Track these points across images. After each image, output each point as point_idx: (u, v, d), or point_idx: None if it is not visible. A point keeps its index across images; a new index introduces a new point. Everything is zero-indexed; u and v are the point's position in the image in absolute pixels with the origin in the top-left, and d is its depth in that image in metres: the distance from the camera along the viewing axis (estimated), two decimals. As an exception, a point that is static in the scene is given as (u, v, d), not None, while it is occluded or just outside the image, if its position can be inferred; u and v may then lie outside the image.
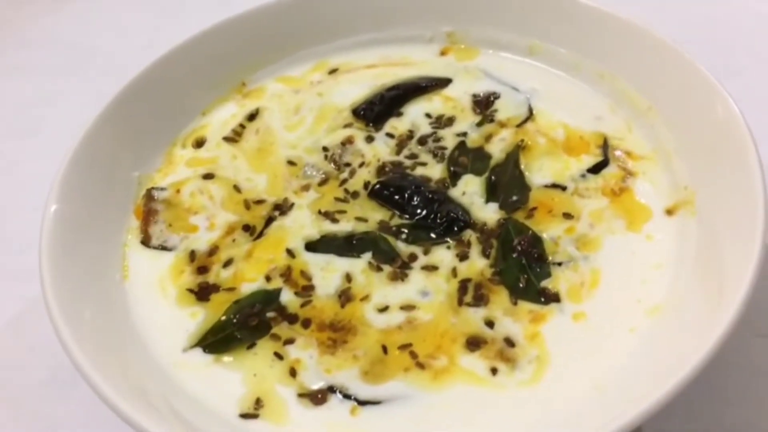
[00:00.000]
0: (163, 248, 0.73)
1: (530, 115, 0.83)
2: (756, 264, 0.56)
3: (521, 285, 0.66)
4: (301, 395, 0.60)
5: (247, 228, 0.74)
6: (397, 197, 0.74)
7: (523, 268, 0.67)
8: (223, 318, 0.66)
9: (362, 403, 0.59)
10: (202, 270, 0.71)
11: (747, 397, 0.68)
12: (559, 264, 0.67)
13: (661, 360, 0.57)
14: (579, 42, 0.85)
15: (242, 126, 0.86)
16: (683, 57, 0.74)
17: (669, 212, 0.70)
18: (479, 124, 0.82)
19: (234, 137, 0.85)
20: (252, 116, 0.87)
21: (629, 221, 0.71)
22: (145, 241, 0.73)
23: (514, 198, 0.74)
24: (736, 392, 0.68)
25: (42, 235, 0.64)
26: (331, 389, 0.60)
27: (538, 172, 0.76)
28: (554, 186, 0.75)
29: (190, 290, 0.69)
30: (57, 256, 0.64)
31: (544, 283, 0.66)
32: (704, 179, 0.69)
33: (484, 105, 0.85)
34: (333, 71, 0.92)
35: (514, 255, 0.68)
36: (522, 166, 0.77)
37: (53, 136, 1.03)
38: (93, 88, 1.06)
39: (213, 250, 0.72)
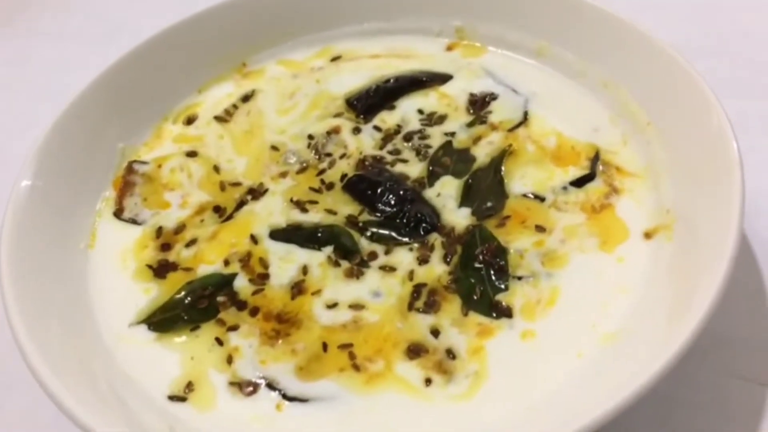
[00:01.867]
0: (134, 222, 0.74)
1: (524, 120, 0.80)
2: (711, 303, 0.53)
3: (475, 296, 0.64)
4: (232, 383, 0.60)
5: (218, 209, 0.75)
6: (369, 192, 0.73)
7: (482, 278, 0.65)
8: (175, 297, 0.66)
9: (290, 399, 0.59)
10: (165, 247, 0.71)
11: None
12: (519, 278, 0.65)
13: (602, 389, 0.54)
14: (589, 48, 0.81)
15: (235, 106, 0.86)
16: (692, 76, 0.69)
17: (647, 235, 0.67)
18: (470, 125, 0.80)
19: (225, 117, 0.85)
20: (246, 97, 0.87)
21: (603, 240, 0.67)
22: (118, 213, 0.75)
23: (489, 204, 0.71)
24: None
25: (10, 199, 0.66)
26: (261, 381, 0.60)
27: (520, 180, 0.74)
28: (532, 196, 0.72)
29: (149, 266, 0.70)
30: (23, 219, 0.66)
31: (500, 297, 0.64)
32: (688, 205, 0.66)
33: (479, 105, 0.82)
34: (335, 58, 0.91)
35: (476, 264, 0.66)
36: (503, 173, 0.74)
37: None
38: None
39: (180, 229, 0.73)
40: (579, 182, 0.73)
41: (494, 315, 0.63)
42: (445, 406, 0.57)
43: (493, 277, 0.65)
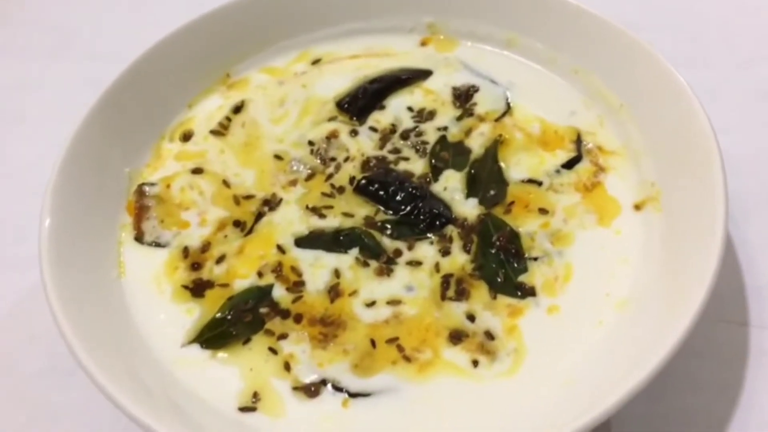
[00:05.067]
0: (157, 245, 0.76)
1: (508, 109, 0.86)
2: (717, 260, 0.61)
3: (500, 280, 0.70)
4: (295, 388, 0.65)
5: (238, 224, 0.77)
6: (381, 193, 0.78)
7: (502, 263, 0.72)
8: (218, 315, 0.69)
9: (353, 395, 0.64)
10: (196, 266, 0.74)
11: (708, 382, 0.71)
12: (535, 259, 0.72)
13: (627, 353, 0.62)
14: (555, 37, 0.88)
15: (228, 119, 0.88)
16: (655, 58, 0.77)
17: (637, 207, 0.75)
18: (459, 119, 0.86)
19: (221, 131, 0.87)
20: (238, 108, 0.89)
21: (600, 216, 0.75)
22: (139, 238, 0.76)
23: (493, 193, 0.78)
24: (697, 376, 0.72)
25: (41, 242, 0.66)
26: (323, 382, 0.65)
27: (516, 167, 0.80)
28: (530, 181, 0.79)
29: (185, 286, 0.72)
30: (56, 260, 0.66)
31: (521, 278, 0.71)
32: (670, 177, 0.74)
33: (464, 98, 0.88)
34: (316, 61, 0.94)
35: (493, 251, 0.73)
36: (500, 162, 0.80)
37: (41, 121, 1.04)
38: (79, 71, 1.08)
39: (206, 247, 0.75)
40: (569, 164, 0.80)
41: (520, 295, 0.69)
42: (495, 383, 0.64)
43: (512, 260, 0.72)
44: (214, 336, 0.68)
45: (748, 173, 0.85)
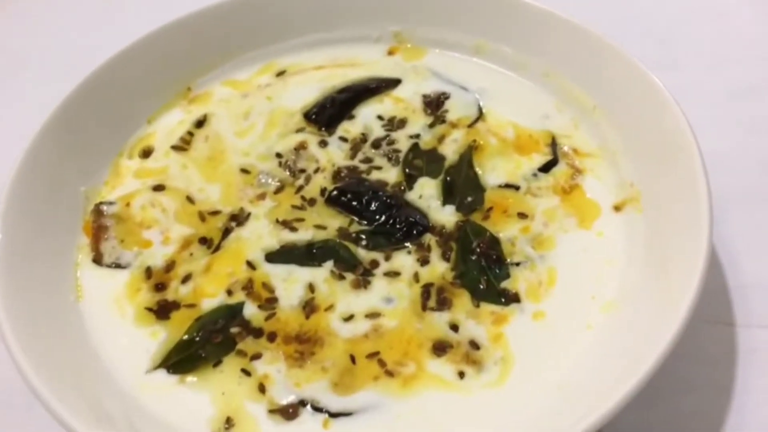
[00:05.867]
0: (117, 266, 0.71)
1: (480, 115, 0.84)
2: (705, 258, 0.59)
3: (482, 287, 0.67)
4: (271, 411, 0.60)
5: (204, 241, 0.73)
6: (354, 203, 0.75)
7: (483, 270, 0.69)
8: (186, 337, 0.65)
9: (334, 415, 0.60)
10: (160, 287, 0.69)
11: (698, 383, 0.69)
12: (517, 264, 0.69)
13: (618, 357, 0.60)
14: (524, 41, 0.87)
15: (190, 133, 0.84)
16: (627, 58, 0.76)
17: (617, 208, 0.73)
18: (431, 126, 0.83)
19: (182, 146, 0.83)
20: (200, 123, 0.85)
21: (580, 219, 0.73)
22: (97, 260, 0.71)
23: (470, 199, 0.75)
24: (686, 378, 0.69)
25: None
26: (302, 403, 0.61)
27: (492, 172, 0.78)
28: (508, 186, 0.76)
29: (149, 309, 0.68)
30: (8, 283, 0.62)
31: (504, 284, 0.68)
32: (649, 177, 0.72)
33: (434, 106, 0.86)
34: (281, 73, 0.91)
35: (474, 257, 0.70)
36: (476, 167, 0.78)
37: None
38: (31, 93, 1.04)
39: (170, 266, 0.71)
40: (545, 168, 0.78)
41: (503, 301, 0.67)
42: (483, 394, 0.61)
43: (494, 267, 0.69)
44: (182, 359, 0.64)
45: (722, 172, 0.84)
